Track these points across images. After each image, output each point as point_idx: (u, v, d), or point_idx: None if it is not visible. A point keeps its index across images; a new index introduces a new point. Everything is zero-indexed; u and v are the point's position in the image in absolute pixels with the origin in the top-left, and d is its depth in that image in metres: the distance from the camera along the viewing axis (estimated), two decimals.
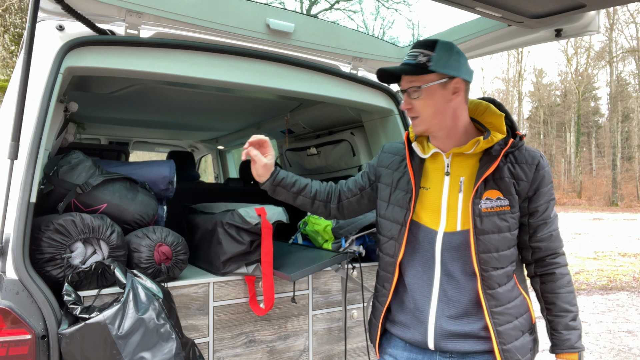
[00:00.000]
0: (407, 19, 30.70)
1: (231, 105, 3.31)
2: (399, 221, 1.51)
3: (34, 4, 1.48)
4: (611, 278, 8.27)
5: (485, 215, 1.39)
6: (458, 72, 1.40)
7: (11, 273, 1.45)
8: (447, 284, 1.44)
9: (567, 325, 1.42)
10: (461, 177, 1.45)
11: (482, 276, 1.39)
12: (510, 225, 1.42)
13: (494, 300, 1.40)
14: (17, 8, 13.10)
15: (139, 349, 1.48)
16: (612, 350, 4.77)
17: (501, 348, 1.39)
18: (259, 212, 2.00)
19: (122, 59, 1.84)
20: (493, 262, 1.40)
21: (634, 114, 34.74)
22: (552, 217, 1.46)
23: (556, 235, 1.47)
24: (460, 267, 1.42)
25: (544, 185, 1.44)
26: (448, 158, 1.48)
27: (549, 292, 1.46)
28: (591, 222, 19.05)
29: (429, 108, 1.42)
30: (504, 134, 1.44)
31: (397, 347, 1.56)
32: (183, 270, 1.95)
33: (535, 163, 1.44)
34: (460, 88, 1.42)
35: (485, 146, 1.43)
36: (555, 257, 1.47)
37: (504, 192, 1.41)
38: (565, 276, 1.46)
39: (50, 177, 1.81)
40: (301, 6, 18.32)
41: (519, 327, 1.43)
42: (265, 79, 2.13)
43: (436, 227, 1.45)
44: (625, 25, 33.96)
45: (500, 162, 1.43)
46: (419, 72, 1.41)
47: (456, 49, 1.43)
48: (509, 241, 1.42)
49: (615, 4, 1.58)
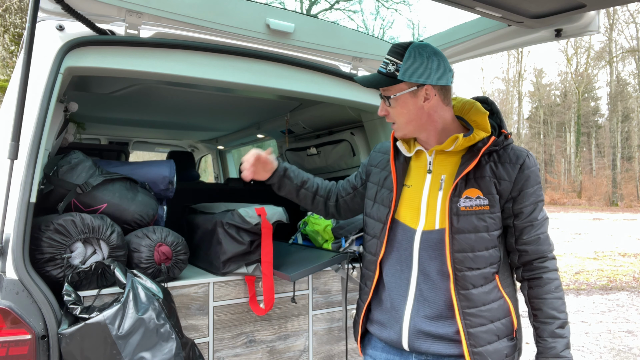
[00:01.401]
0: (407, 19, 30.71)
1: (231, 105, 3.31)
2: (382, 220, 1.51)
3: (34, 4, 1.48)
4: (611, 278, 8.27)
5: (463, 214, 1.37)
6: (427, 79, 1.38)
7: (11, 273, 1.45)
8: (423, 283, 1.43)
9: (553, 333, 1.37)
10: (442, 175, 1.44)
11: (455, 275, 1.37)
12: (489, 225, 1.39)
13: (467, 301, 1.37)
14: (17, 8, 13.10)
15: (139, 349, 1.48)
16: (612, 350, 4.77)
17: (471, 350, 1.36)
18: (259, 212, 2.00)
19: (122, 59, 1.84)
20: (468, 262, 1.37)
21: (634, 114, 34.74)
22: (539, 220, 1.41)
23: (544, 238, 1.42)
24: (437, 267, 1.41)
25: (529, 185, 1.40)
26: (430, 156, 1.47)
27: (536, 297, 1.41)
28: (591, 222, 19.05)
29: (403, 116, 1.44)
30: (488, 132, 1.42)
31: (376, 348, 1.56)
32: (183, 270, 1.95)
33: (520, 163, 1.40)
34: (432, 94, 1.40)
35: (466, 144, 1.41)
36: (544, 261, 1.42)
37: (483, 191, 1.39)
38: (553, 281, 1.41)
39: (50, 177, 1.81)
40: (301, 6, 18.33)
41: (494, 331, 1.38)
42: (265, 79, 2.13)
43: (415, 226, 1.44)
44: (625, 25, 33.98)
45: (483, 161, 1.41)
46: (389, 82, 1.41)
47: (427, 53, 1.39)
48: (487, 242, 1.39)
49: (615, 4, 1.58)
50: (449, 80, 1.42)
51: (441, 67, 1.40)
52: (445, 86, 1.42)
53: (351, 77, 2.39)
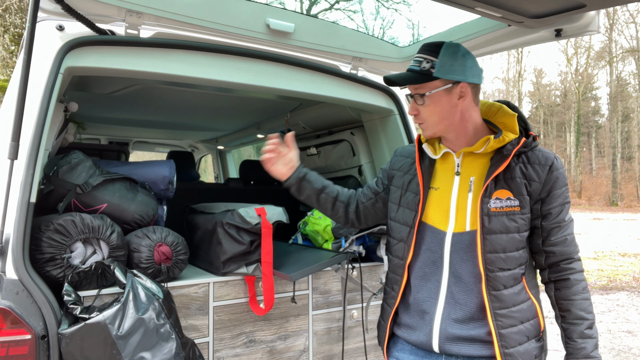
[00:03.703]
0: (407, 19, 30.69)
1: (231, 105, 3.31)
2: (408, 223, 1.50)
3: (34, 4, 1.48)
4: (611, 278, 8.27)
5: (494, 215, 1.38)
6: (463, 77, 1.38)
7: (11, 273, 1.45)
8: (454, 286, 1.42)
9: (583, 334, 1.37)
10: (471, 177, 1.44)
11: (487, 276, 1.37)
12: (520, 226, 1.39)
13: (498, 302, 1.38)
14: (17, 8, 13.10)
15: (139, 349, 1.48)
16: (612, 350, 4.77)
17: (503, 352, 1.36)
18: (259, 212, 2.00)
19: (122, 59, 1.84)
20: (499, 262, 1.38)
21: (634, 114, 34.74)
22: (566, 221, 1.42)
23: (571, 239, 1.43)
24: (469, 269, 1.40)
25: (557, 187, 1.40)
26: (458, 158, 1.47)
27: (564, 298, 1.41)
28: (591, 222, 19.05)
29: (435, 115, 1.43)
30: (517, 134, 1.42)
31: (403, 350, 1.55)
32: (183, 270, 1.95)
33: (549, 164, 1.40)
34: (467, 92, 1.40)
35: (496, 146, 1.41)
36: (570, 262, 1.42)
37: (514, 192, 1.39)
38: (580, 282, 1.41)
39: (50, 177, 1.81)
40: (301, 6, 18.32)
41: (524, 332, 1.39)
42: (265, 79, 2.13)
43: (445, 228, 1.44)
44: (625, 25, 33.95)
45: (512, 162, 1.41)
46: (423, 79, 1.40)
47: (462, 51, 1.41)
48: (518, 243, 1.39)
49: (615, 4, 1.58)
50: (481, 79, 1.44)
51: (475, 66, 1.42)
52: (477, 85, 1.44)
53: (351, 77, 2.38)
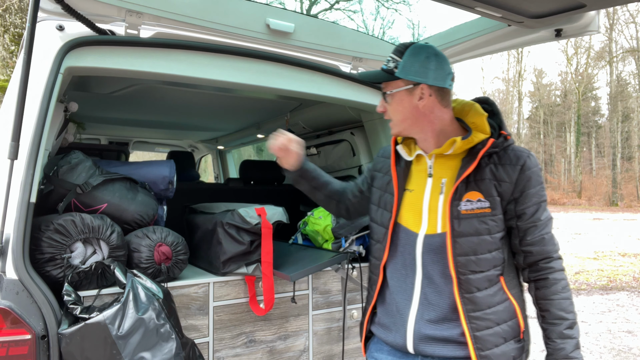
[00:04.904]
0: (407, 19, 30.71)
1: (231, 105, 3.31)
2: (385, 224, 1.51)
3: (34, 4, 1.48)
4: (611, 278, 8.27)
5: (465, 218, 1.37)
6: (424, 79, 1.38)
7: (11, 273, 1.45)
8: (427, 287, 1.42)
9: (562, 334, 1.35)
10: (443, 179, 1.44)
11: (458, 279, 1.36)
12: (491, 228, 1.38)
13: (472, 304, 1.36)
14: (17, 8, 13.10)
15: (139, 349, 1.48)
16: (612, 350, 4.77)
17: (478, 354, 1.35)
18: (259, 212, 2.00)
19: (122, 59, 1.84)
20: (471, 265, 1.36)
21: (634, 114, 34.73)
22: (542, 220, 1.40)
23: (549, 238, 1.41)
24: (440, 270, 1.40)
25: (530, 186, 1.39)
26: (430, 160, 1.47)
27: (543, 298, 1.40)
28: (591, 222, 19.05)
29: (398, 113, 1.45)
30: (487, 134, 1.41)
31: (382, 350, 1.56)
32: (183, 270, 1.95)
33: (521, 164, 1.39)
34: (427, 93, 1.40)
35: (465, 147, 1.40)
36: (549, 261, 1.41)
37: (484, 193, 1.38)
38: (559, 281, 1.39)
39: (50, 177, 1.81)
40: (301, 6, 18.33)
41: (500, 333, 1.37)
42: (265, 79, 2.13)
43: (417, 230, 1.44)
44: (625, 25, 33.96)
45: (482, 163, 1.40)
46: (386, 78, 1.43)
47: (427, 53, 1.39)
48: (489, 244, 1.38)
49: (615, 4, 1.58)
50: (446, 83, 1.41)
51: (439, 69, 1.40)
52: (444, 88, 1.42)
53: (351, 77, 2.39)
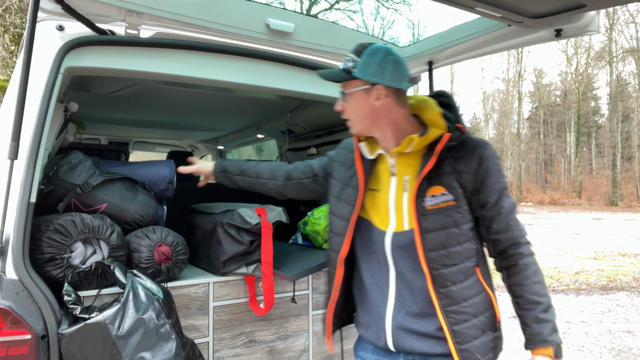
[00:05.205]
0: (407, 19, 30.73)
1: (231, 105, 3.31)
2: (345, 217, 1.51)
3: (34, 4, 1.48)
4: (611, 278, 8.27)
5: (430, 213, 1.38)
6: (380, 79, 1.39)
7: (11, 273, 1.45)
8: (401, 283, 1.43)
9: (537, 318, 1.35)
10: (406, 177, 1.45)
11: (432, 275, 1.37)
12: (457, 220, 1.38)
13: (448, 299, 1.37)
14: (17, 8, 13.10)
15: (139, 349, 1.48)
16: (612, 350, 4.77)
17: (458, 348, 1.35)
18: (259, 212, 2.00)
19: (122, 59, 1.84)
20: (442, 259, 1.37)
21: (634, 114, 34.73)
22: (506, 207, 1.41)
23: (515, 224, 1.42)
24: (410, 266, 1.41)
25: (489, 175, 1.40)
26: (392, 158, 1.48)
27: (515, 284, 1.40)
28: (591, 222, 19.05)
29: (356, 113, 1.46)
30: (443, 129, 1.42)
31: (366, 349, 1.57)
32: (183, 270, 1.95)
33: (478, 154, 1.40)
34: (383, 94, 1.41)
35: (423, 143, 1.42)
36: (517, 247, 1.41)
37: (446, 186, 1.39)
38: (530, 266, 1.40)
39: (50, 177, 1.81)
40: (301, 6, 18.33)
41: (478, 325, 1.38)
42: (265, 79, 2.13)
43: (385, 228, 1.45)
44: (625, 25, 33.95)
45: (442, 157, 1.41)
46: (344, 78, 1.44)
47: (384, 54, 1.40)
48: (458, 237, 1.38)
49: (615, 4, 1.58)
50: (402, 84, 1.43)
51: (396, 71, 1.41)
52: (399, 90, 1.44)
53: None
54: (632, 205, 29.62)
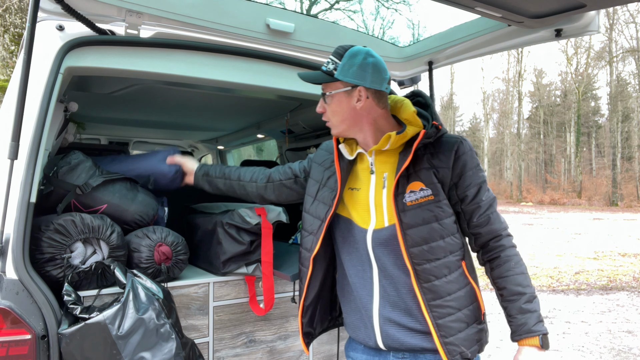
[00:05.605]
0: (407, 19, 30.74)
1: (231, 105, 3.31)
2: (320, 217, 1.53)
3: (34, 4, 1.48)
4: (611, 278, 8.27)
5: (410, 209, 1.39)
6: (361, 81, 1.42)
7: (11, 273, 1.45)
8: (384, 279, 1.44)
9: (521, 309, 1.36)
10: (384, 174, 1.47)
11: (415, 270, 1.37)
12: (437, 214, 1.40)
13: (431, 293, 1.37)
14: (17, 8, 13.10)
15: (139, 349, 1.48)
16: (612, 350, 4.77)
17: (443, 341, 1.36)
18: (259, 212, 2.00)
19: (122, 59, 1.84)
20: (425, 254, 1.38)
21: (634, 114, 34.73)
22: (485, 200, 1.43)
23: (495, 217, 1.44)
24: (392, 262, 1.43)
25: (467, 169, 1.43)
26: (371, 157, 1.50)
27: (498, 277, 1.41)
28: (591, 222, 19.05)
29: (337, 114, 1.49)
30: (420, 127, 1.45)
31: (356, 349, 1.58)
32: (183, 270, 1.95)
33: (454, 149, 1.43)
34: (364, 96, 1.44)
35: (401, 141, 1.44)
36: (499, 239, 1.43)
37: (425, 182, 1.41)
38: (512, 257, 1.41)
39: (50, 177, 1.81)
40: (301, 6, 18.33)
41: (462, 319, 1.39)
42: (265, 79, 2.13)
43: (366, 226, 1.47)
44: (625, 25, 33.94)
45: (419, 154, 1.44)
46: (325, 80, 1.46)
47: (364, 57, 1.43)
48: (440, 231, 1.39)
49: (615, 4, 1.58)
50: (383, 86, 1.46)
51: (376, 73, 1.44)
52: (379, 91, 1.46)
53: None
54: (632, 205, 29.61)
